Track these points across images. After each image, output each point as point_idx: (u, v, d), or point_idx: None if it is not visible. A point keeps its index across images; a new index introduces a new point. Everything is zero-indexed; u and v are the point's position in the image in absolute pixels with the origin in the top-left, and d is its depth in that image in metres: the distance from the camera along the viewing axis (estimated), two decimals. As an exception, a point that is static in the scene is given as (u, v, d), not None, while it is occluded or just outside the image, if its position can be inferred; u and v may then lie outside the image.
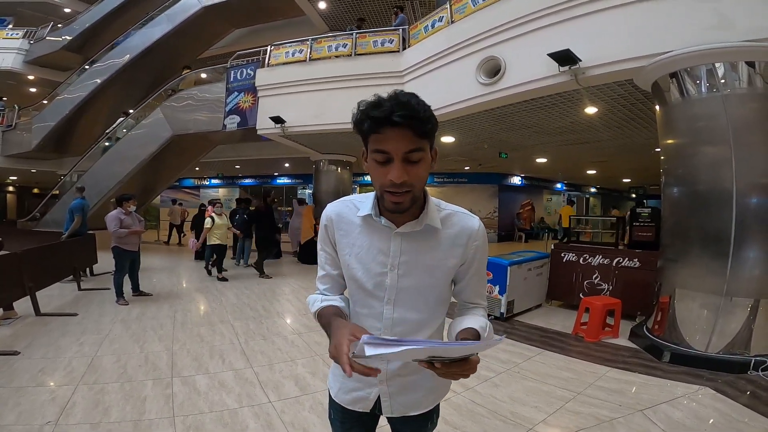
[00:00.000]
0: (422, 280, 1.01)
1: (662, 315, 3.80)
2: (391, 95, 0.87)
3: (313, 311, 1.07)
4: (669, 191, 3.90)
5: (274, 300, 5.86)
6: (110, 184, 10.09)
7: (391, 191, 0.89)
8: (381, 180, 0.90)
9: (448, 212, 1.03)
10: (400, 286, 1.00)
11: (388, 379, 1.05)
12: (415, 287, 1.01)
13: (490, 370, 3.29)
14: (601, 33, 4.01)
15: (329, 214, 1.07)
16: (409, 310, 1.02)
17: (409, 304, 1.02)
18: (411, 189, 0.90)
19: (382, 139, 0.88)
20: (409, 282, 1.00)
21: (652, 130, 6.29)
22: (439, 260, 1.00)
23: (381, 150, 0.88)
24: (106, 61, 11.87)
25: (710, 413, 2.59)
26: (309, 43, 7.44)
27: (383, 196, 0.93)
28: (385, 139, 0.87)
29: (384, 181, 0.90)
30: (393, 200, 0.91)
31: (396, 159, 0.87)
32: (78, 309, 4.84)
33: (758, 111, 3.34)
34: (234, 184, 19.57)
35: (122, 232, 5.12)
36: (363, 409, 1.09)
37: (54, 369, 3.12)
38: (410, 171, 0.88)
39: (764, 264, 3.31)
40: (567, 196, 19.54)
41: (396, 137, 0.86)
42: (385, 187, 0.90)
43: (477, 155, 10.62)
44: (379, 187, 0.93)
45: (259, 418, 2.50)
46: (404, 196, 0.90)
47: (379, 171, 0.91)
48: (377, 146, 0.89)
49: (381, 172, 0.90)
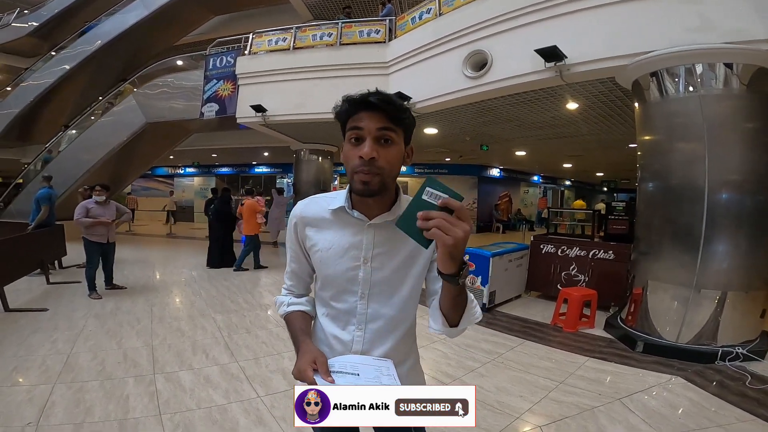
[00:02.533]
0: (396, 273, 1.01)
1: (635, 306, 3.95)
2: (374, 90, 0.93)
3: (280, 314, 1.13)
4: (644, 186, 4.03)
5: (256, 292, 5.78)
6: (78, 172, 9.65)
7: (360, 170, 0.90)
8: (353, 160, 0.92)
9: None
10: (374, 280, 1.01)
11: None
12: (389, 281, 1.01)
13: (476, 361, 3.36)
14: (587, 31, 4.08)
15: (298, 212, 1.08)
16: (383, 306, 1.03)
17: (383, 299, 1.02)
18: (380, 172, 0.91)
19: (357, 119, 0.92)
20: (382, 275, 1.01)
21: (629, 126, 6.50)
22: (413, 251, 1.01)
23: (354, 127, 0.92)
24: (75, 48, 11.30)
25: (682, 402, 2.73)
26: (293, 31, 7.25)
27: (353, 179, 0.93)
28: (360, 118, 0.91)
29: (354, 162, 0.91)
30: (361, 179, 0.91)
31: (368, 136, 0.90)
32: (48, 304, 4.64)
33: (733, 110, 3.49)
34: (210, 173, 19.05)
35: (85, 221, 4.89)
36: None
37: (28, 368, 2.98)
38: (381, 151, 0.90)
39: (732, 258, 3.48)
40: (543, 189, 20.00)
41: (370, 117, 0.90)
42: (356, 168, 0.91)
43: (459, 147, 10.70)
44: (351, 170, 0.93)
45: (249, 413, 2.48)
46: (372, 176, 0.90)
47: (351, 152, 0.93)
48: (352, 124, 0.93)
49: (353, 152, 0.92)
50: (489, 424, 2.43)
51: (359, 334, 1.04)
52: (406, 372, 1.09)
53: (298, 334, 1.04)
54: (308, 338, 1.03)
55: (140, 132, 9.51)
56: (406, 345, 1.10)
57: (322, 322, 1.10)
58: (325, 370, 0.88)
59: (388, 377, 0.89)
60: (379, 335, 1.04)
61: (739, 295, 3.47)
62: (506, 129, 7.83)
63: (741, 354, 3.31)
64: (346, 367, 0.92)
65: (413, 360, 1.15)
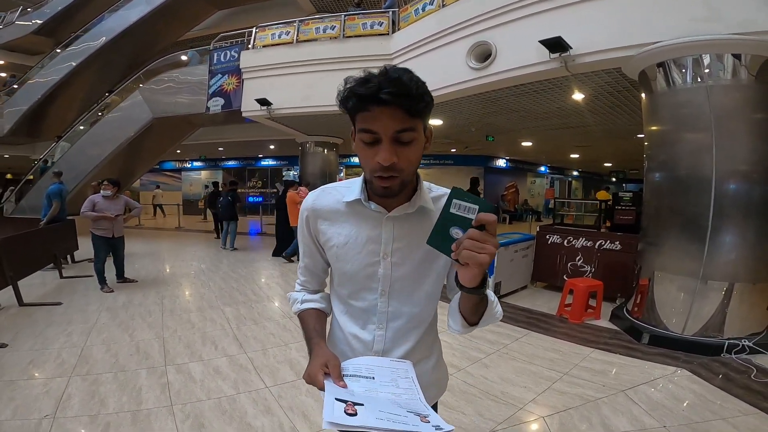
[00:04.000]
0: (418, 268, 0.95)
1: (641, 297, 3.94)
2: (382, 71, 0.80)
3: (294, 311, 1.09)
4: (651, 176, 3.99)
5: (263, 284, 5.86)
6: (88, 167, 9.81)
7: (379, 174, 0.83)
8: (369, 163, 0.83)
9: (439, 193, 0.97)
10: (394, 276, 0.94)
11: None
12: (411, 277, 0.95)
13: (481, 351, 3.40)
14: (592, 21, 4.02)
15: (310, 204, 1.00)
16: (404, 303, 0.97)
17: (404, 296, 0.96)
18: (400, 174, 0.83)
19: (369, 118, 0.80)
20: (404, 271, 0.94)
21: (636, 116, 6.42)
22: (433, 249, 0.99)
23: (367, 129, 0.81)
24: (80, 45, 11.36)
25: (686, 395, 2.74)
26: (296, 24, 7.24)
27: (371, 180, 0.87)
28: (373, 117, 0.80)
29: (372, 165, 0.83)
30: (381, 184, 0.85)
31: (385, 139, 0.80)
32: (62, 298, 4.75)
33: (740, 101, 3.43)
34: (217, 167, 19.21)
35: (90, 215, 4.97)
36: None
37: (44, 361, 3.08)
38: (400, 153, 0.81)
39: (739, 249, 3.45)
40: (550, 179, 19.85)
41: (384, 116, 0.79)
42: (374, 171, 0.83)
43: (464, 138, 10.66)
44: (369, 171, 0.85)
45: (257, 403, 2.54)
46: (393, 180, 0.83)
47: (366, 152, 0.83)
48: (364, 125, 0.81)
49: (369, 153, 0.83)
50: (493, 414, 2.47)
51: (380, 333, 0.99)
52: (429, 369, 1.06)
53: (311, 335, 0.98)
54: (322, 340, 0.97)
55: (147, 127, 9.61)
56: (428, 341, 1.05)
57: (341, 320, 1.05)
58: (337, 374, 0.82)
59: (406, 380, 0.86)
60: (401, 334, 0.99)
61: (746, 286, 3.44)
62: (512, 120, 7.78)
63: (747, 347, 3.30)
64: (360, 370, 0.86)
65: (437, 356, 1.10)
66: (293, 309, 1.09)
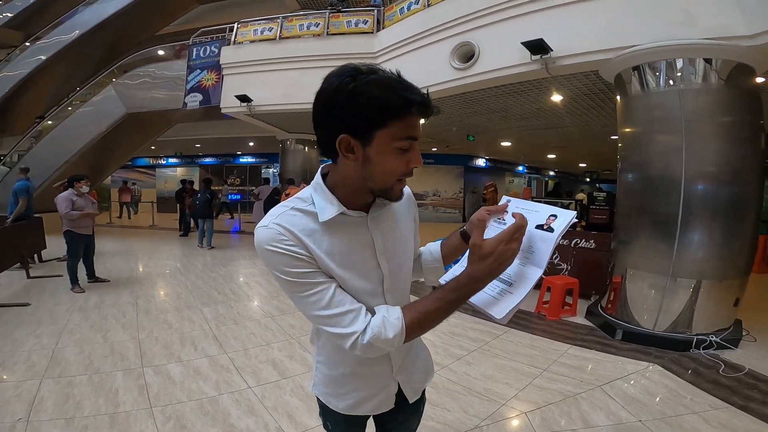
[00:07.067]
0: (403, 255, 1.01)
1: (615, 294, 4.06)
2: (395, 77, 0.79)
3: (398, 332, 0.85)
4: (624, 176, 4.10)
5: (242, 283, 5.77)
6: (56, 163, 9.38)
7: (403, 179, 0.86)
8: (401, 168, 0.83)
9: None
10: (392, 268, 0.97)
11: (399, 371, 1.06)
12: (401, 264, 1.00)
13: (463, 349, 3.45)
14: (573, 25, 4.12)
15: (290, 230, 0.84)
16: (402, 290, 1.01)
17: (400, 284, 1.00)
18: None
19: (415, 125, 0.81)
20: (396, 262, 0.98)
21: (611, 118, 6.62)
22: (407, 230, 1.03)
23: (413, 136, 0.81)
24: (52, 38, 10.83)
25: (659, 389, 2.84)
26: (279, 21, 7.14)
27: (393, 187, 0.85)
28: (417, 124, 0.81)
29: (402, 170, 0.83)
30: (402, 188, 0.88)
31: (416, 144, 0.83)
32: (30, 298, 4.55)
33: (710, 105, 3.57)
34: (194, 163, 18.72)
35: (74, 214, 4.79)
36: (387, 407, 1.07)
37: (14, 363, 2.95)
38: None
39: (706, 247, 3.58)
40: (528, 179, 20.26)
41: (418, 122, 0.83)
42: (398, 176, 0.84)
43: (445, 137, 10.76)
44: (395, 179, 0.84)
45: (240, 404, 2.51)
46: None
47: (399, 159, 0.81)
48: (409, 132, 0.80)
49: (402, 159, 0.82)
50: (477, 410, 2.51)
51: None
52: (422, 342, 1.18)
53: (453, 286, 0.87)
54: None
55: (120, 122, 9.27)
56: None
57: None
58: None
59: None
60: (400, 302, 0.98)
61: (713, 284, 3.57)
62: (492, 120, 7.90)
63: (714, 342, 3.44)
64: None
65: None
66: (391, 335, 0.84)
